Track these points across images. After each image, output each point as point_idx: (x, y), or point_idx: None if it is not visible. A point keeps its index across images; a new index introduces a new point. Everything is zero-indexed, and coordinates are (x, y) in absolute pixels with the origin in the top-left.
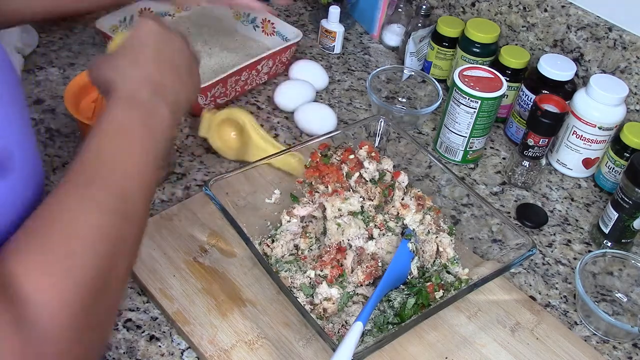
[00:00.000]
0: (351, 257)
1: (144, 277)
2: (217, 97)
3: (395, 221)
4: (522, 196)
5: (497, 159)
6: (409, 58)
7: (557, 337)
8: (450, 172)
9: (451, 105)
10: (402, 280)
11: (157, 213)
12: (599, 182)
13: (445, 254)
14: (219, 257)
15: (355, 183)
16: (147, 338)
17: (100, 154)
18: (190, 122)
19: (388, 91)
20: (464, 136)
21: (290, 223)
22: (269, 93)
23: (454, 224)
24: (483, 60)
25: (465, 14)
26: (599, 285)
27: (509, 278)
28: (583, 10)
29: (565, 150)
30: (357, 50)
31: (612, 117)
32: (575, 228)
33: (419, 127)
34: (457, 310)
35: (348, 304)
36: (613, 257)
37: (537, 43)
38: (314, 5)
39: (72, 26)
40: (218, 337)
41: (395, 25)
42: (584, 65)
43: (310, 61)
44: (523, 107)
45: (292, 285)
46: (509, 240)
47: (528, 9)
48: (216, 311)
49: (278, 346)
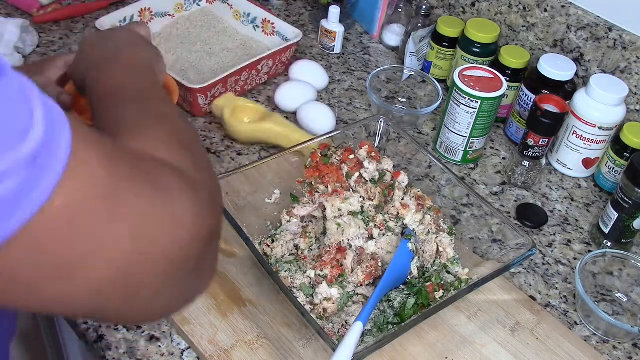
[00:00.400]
0: (351, 257)
1: None
2: (217, 97)
3: (395, 221)
4: (522, 196)
5: (497, 159)
6: (409, 58)
7: (557, 337)
8: (450, 172)
9: (451, 105)
10: (402, 280)
11: None
12: (599, 182)
13: (445, 254)
14: (219, 257)
15: (355, 183)
16: (147, 338)
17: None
18: None
19: (388, 91)
20: (464, 136)
21: (290, 223)
22: (269, 93)
23: (454, 224)
24: (483, 60)
25: (465, 14)
26: (599, 285)
27: (509, 278)
28: (583, 10)
29: (565, 150)
30: (357, 50)
31: (612, 117)
32: (575, 228)
33: (419, 127)
34: (457, 310)
35: (348, 304)
36: (613, 257)
37: (537, 43)
38: (314, 5)
39: (72, 26)
40: (218, 337)
41: (395, 25)
42: (584, 65)
43: (310, 61)
44: (523, 107)
45: (292, 285)
46: (509, 240)
47: (528, 9)
48: (216, 311)
49: (278, 346)
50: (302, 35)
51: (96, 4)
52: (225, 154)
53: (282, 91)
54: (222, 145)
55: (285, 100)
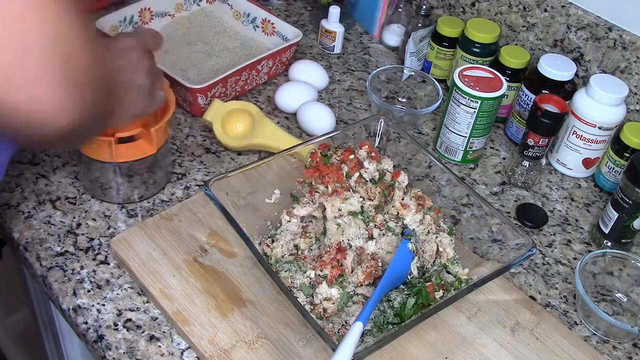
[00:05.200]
0: (351, 257)
1: (144, 277)
2: (217, 97)
3: (395, 221)
4: (522, 196)
5: (497, 159)
6: (409, 58)
7: (557, 337)
8: (450, 172)
9: (451, 105)
10: (402, 280)
11: (157, 213)
12: (599, 182)
13: (445, 254)
14: (219, 257)
15: (355, 183)
16: (147, 338)
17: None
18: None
19: (388, 91)
20: (464, 136)
21: (290, 223)
22: (269, 93)
23: (454, 224)
24: (483, 60)
25: (465, 14)
26: (599, 285)
27: (509, 278)
28: (583, 10)
29: (565, 150)
30: (357, 50)
31: (612, 117)
32: (575, 228)
33: (419, 127)
34: (457, 310)
35: (348, 304)
36: (613, 257)
37: (537, 43)
38: (314, 5)
39: None
40: (218, 337)
41: (395, 25)
42: (584, 65)
43: (310, 61)
44: (523, 107)
45: (292, 285)
46: (509, 240)
47: (528, 9)
48: (216, 311)
49: (278, 346)
50: (302, 35)
51: (96, 4)
52: (225, 154)
53: (282, 91)
54: (222, 145)
55: (285, 100)
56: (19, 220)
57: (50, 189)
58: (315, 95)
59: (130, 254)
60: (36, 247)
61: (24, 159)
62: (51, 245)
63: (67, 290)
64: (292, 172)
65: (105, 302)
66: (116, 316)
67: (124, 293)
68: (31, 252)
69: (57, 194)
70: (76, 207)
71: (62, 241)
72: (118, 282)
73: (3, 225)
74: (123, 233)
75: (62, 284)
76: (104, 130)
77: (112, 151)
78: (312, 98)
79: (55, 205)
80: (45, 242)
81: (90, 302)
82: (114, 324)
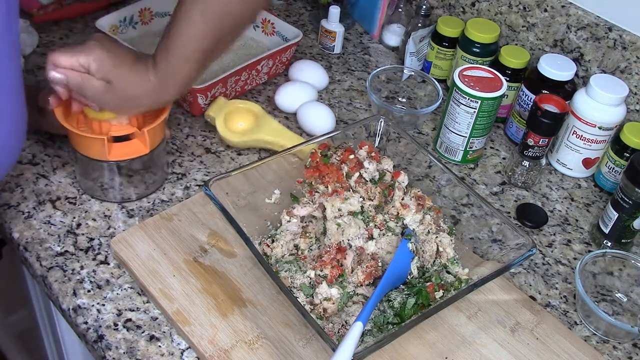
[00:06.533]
0: (351, 257)
1: (144, 277)
2: (217, 97)
3: (395, 221)
4: (522, 196)
5: (497, 159)
6: (409, 58)
7: (557, 337)
8: (450, 172)
9: (451, 105)
10: (402, 280)
11: (157, 213)
12: (599, 182)
13: (445, 254)
14: (219, 257)
15: (355, 183)
16: (147, 338)
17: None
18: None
19: (388, 91)
20: (464, 136)
21: (290, 223)
22: (269, 93)
23: (454, 224)
24: (483, 60)
25: (465, 14)
26: (599, 285)
27: (509, 278)
28: (583, 10)
29: (565, 150)
30: (357, 50)
31: (612, 117)
32: (575, 228)
33: (419, 127)
34: (457, 310)
35: (348, 304)
36: (613, 257)
37: (537, 43)
38: (314, 5)
39: (72, 26)
40: (218, 337)
41: (395, 25)
42: (584, 65)
43: (310, 61)
44: (523, 107)
45: (292, 285)
46: (509, 240)
47: (528, 9)
48: (216, 311)
49: (278, 346)
50: (302, 35)
51: (96, 4)
52: (225, 154)
53: (282, 91)
54: (222, 145)
55: (285, 101)
56: (19, 220)
57: (50, 189)
58: (315, 95)
59: (130, 254)
60: (36, 247)
61: (24, 159)
62: (51, 245)
63: (67, 290)
64: (292, 172)
65: (105, 302)
66: (116, 316)
67: (124, 293)
68: (31, 252)
69: (57, 194)
70: (76, 207)
71: (62, 241)
72: (118, 282)
73: (3, 225)
74: (123, 233)
75: (62, 284)
76: (103, 131)
77: (106, 149)
78: (312, 98)
79: (55, 205)
80: (45, 242)
81: (90, 302)
82: (114, 324)
